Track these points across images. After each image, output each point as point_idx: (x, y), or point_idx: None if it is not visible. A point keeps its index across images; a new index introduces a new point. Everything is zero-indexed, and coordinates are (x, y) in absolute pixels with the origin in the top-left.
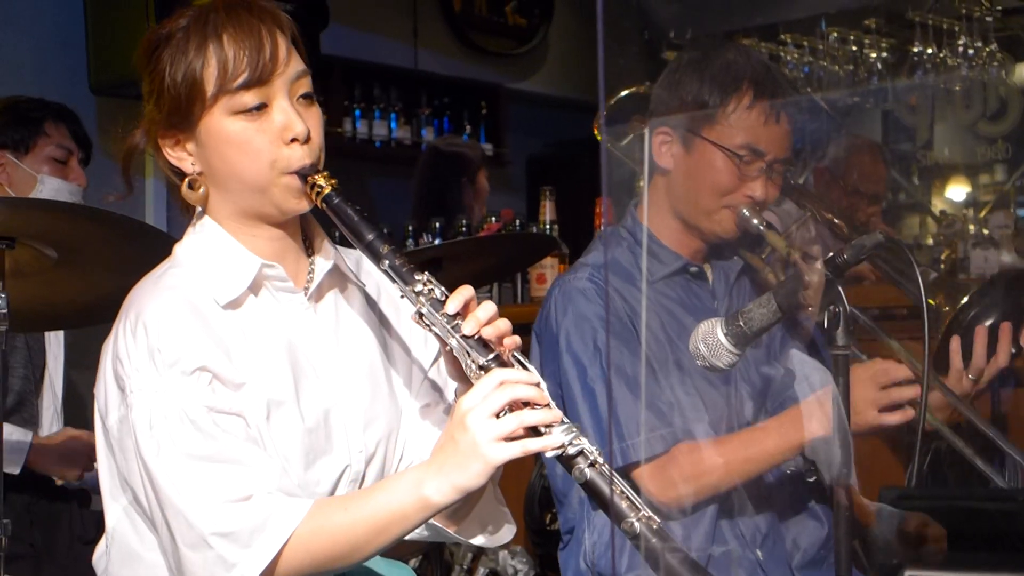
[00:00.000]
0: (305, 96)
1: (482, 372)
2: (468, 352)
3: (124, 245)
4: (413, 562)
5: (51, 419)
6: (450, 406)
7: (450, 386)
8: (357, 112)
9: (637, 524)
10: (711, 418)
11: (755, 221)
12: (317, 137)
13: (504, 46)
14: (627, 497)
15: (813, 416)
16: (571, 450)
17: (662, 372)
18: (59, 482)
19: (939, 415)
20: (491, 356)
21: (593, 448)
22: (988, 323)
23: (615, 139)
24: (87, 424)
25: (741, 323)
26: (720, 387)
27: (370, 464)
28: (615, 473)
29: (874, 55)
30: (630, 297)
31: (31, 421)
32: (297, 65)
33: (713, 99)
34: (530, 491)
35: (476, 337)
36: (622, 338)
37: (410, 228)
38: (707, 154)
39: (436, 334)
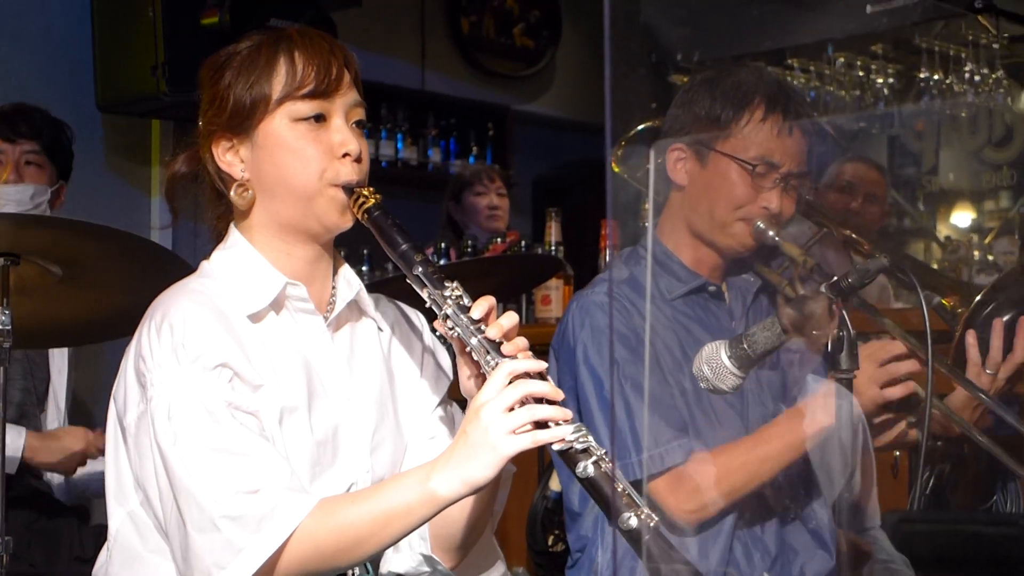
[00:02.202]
0: (359, 124)
1: None
2: (487, 351)
3: (128, 262)
4: None
5: None
6: None
7: (457, 420)
8: (364, 132)
9: (634, 520)
10: (725, 436)
11: (771, 233)
12: (366, 161)
13: (511, 68)
14: (628, 495)
15: (818, 409)
16: (578, 446)
17: (678, 389)
18: (47, 476)
19: (964, 415)
20: (508, 359)
21: (600, 448)
22: (1006, 317)
23: (631, 171)
24: None
25: (745, 346)
26: (736, 406)
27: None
28: (618, 472)
29: (881, 80)
30: (644, 314)
31: None
32: (356, 95)
33: (726, 113)
34: (533, 512)
35: (498, 341)
36: (638, 354)
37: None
38: (721, 167)
39: (458, 335)
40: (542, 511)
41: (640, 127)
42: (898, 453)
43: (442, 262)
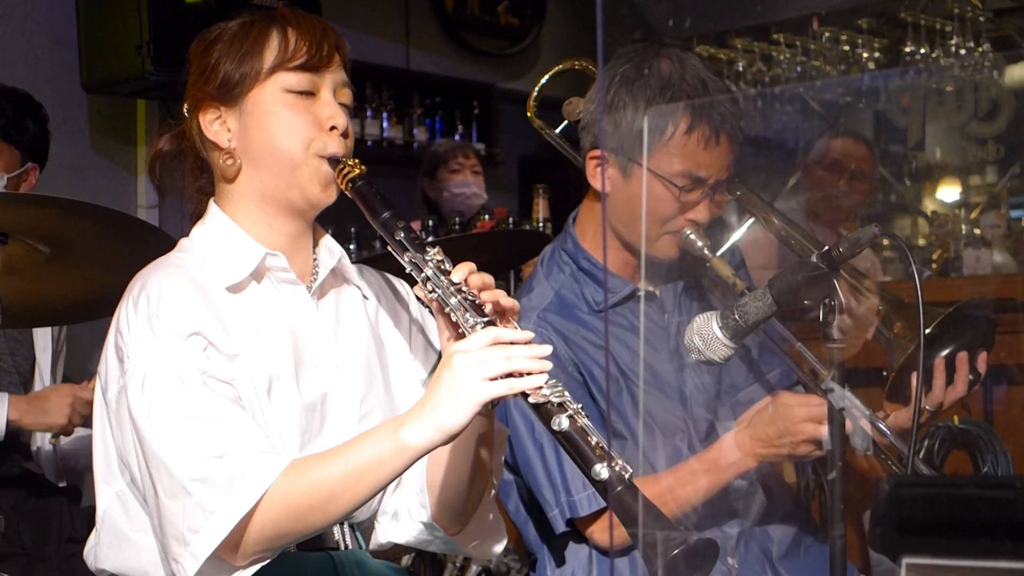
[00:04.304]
0: (345, 105)
1: (478, 328)
2: (466, 310)
3: (116, 241)
4: (406, 559)
5: None
6: None
7: None
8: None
9: (605, 471)
10: (667, 446)
11: (699, 244)
12: (351, 139)
13: (496, 46)
14: (601, 448)
15: (737, 451)
16: (554, 399)
17: (616, 410)
18: (51, 440)
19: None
20: (487, 319)
21: (575, 403)
22: (944, 352)
23: (550, 126)
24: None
25: (736, 317)
26: (678, 413)
27: None
28: (592, 427)
29: (866, 55)
30: (575, 336)
31: None
32: (345, 76)
33: (649, 125)
34: None
35: (476, 301)
36: (570, 386)
37: None
38: (646, 181)
39: (438, 297)
40: None
41: (556, 68)
42: None
43: (429, 239)
